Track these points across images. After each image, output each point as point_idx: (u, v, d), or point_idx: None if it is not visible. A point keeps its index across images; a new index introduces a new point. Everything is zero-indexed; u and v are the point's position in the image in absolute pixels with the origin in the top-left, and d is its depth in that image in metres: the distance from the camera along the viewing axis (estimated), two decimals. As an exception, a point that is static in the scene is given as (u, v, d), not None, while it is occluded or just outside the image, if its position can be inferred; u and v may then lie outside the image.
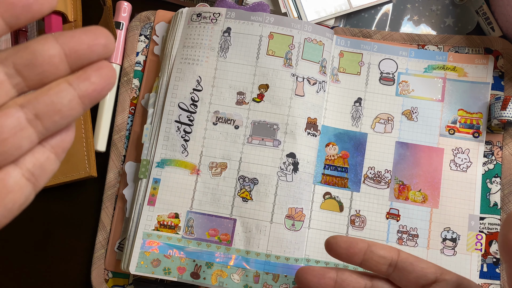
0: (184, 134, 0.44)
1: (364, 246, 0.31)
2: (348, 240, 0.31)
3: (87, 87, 0.21)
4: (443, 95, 0.45)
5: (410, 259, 0.31)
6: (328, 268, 0.32)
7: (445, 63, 0.46)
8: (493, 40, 0.46)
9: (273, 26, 0.46)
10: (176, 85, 0.45)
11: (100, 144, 0.45)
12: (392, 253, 0.31)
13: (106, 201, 0.44)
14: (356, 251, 0.31)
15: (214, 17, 0.46)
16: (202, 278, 0.41)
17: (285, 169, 0.43)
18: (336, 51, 0.47)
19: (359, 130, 0.45)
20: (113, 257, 0.43)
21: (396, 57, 0.46)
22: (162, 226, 0.42)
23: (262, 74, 0.45)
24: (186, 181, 0.43)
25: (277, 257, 0.41)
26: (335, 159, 0.44)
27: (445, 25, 0.48)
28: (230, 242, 0.42)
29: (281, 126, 0.44)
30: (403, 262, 0.31)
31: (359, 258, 0.31)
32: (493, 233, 0.43)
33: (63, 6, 0.47)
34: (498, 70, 0.46)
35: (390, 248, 0.31)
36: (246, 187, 0.43)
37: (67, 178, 0.44)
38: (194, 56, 0.45)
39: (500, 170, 0.44)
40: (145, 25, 0.48)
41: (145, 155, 0.44)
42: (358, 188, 0.44)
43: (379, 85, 0.46)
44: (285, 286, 0.41)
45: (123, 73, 0.47)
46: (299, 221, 0.42)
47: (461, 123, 0.45)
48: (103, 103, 0.46)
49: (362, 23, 0.49)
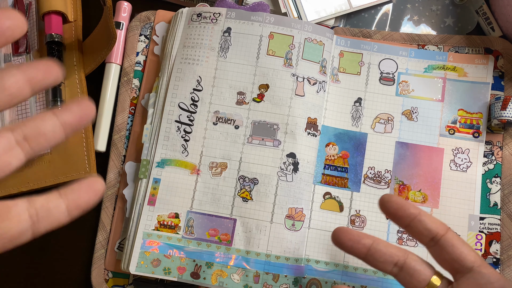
0: (184, 134, 0.44)
1: (415, 212, 0.32)
2: (401, 202, 0.32)
3: (69, 117, 0.24)
4: (443, 95, 0.45)
5: (454, 241, 0.31)
6: (365, 234, 0.33)
7: (445, 63, 0.46)
8: (493, 40, 0.46)
9: (273, 26, 0.46)
10: (176, 85, 0.45)
11: (100, 144, 0.45)
12: (440, 229, 0.31)
13: (106, 201, 0.44)
14: (405, 214, 0.32)
15: (214, 17, 0.46)
16: (202, 278, 0.41)
17: (285, 169, 0.43)
18: (336, 51, 0.47)
19: (359, 130, 0.45)
20: (113, 257, 0.43)
21: (396, 57, 0.46)
22: (162, 226, 0.42)
23: (262, 74, 0.45)
24: (186, 181, 0.43)
25: (277, 257, 0.41)
26: (335, 159, 0.44)
27: (445, 25, 0.48)
28: (230, 242, 0.42)
29: (281, 126, 0.44)
30: (446, 241, 0.31)
31: (406, 222, 0.32)
32: (493, 233, 0.43)
33: (63, 6, 0.47)
34: (498, 70, 0.46)
35: (439, 224, 0.32)
36: (246, 187, 0.43)
37: (67, 178, 0.44)
38: (194, 56, 0.45)
39: (500, 170, 0.44)
40: (145, 25, 0.48)
41: (145, 155, 0.44)
42: (358, 188, 0.44)
43: (379, 85, 0.46)
44: (285, 286, 0.41)
45: (123, 73, 0.47)
46: (299, 221, 0.42)
47: (461, 123, 0.45)
48: (103, 103, 0.46)
49: (362, 23, 0.49)
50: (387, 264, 0.32)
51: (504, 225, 0.43)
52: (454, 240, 0.31)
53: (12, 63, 0.46)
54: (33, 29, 0.47)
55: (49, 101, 0.45)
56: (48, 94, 0.45)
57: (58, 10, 0.46)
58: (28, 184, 0.44)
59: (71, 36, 0.48)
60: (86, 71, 0.47)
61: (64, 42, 0.47)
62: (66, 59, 0.47)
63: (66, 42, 0.47)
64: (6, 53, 0.46)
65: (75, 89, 0.46)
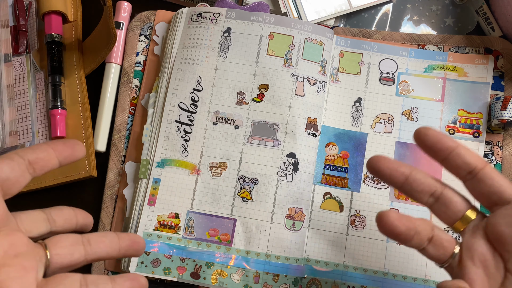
0: (184, 134, 0.44)
1: (453, 145, 0.31)
2: (438, 135, 0.31)
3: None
4: (443, 95, 0.45)
5: (493, 174, 0.30)
6: (403, 163, 0.32)
7: (445, 63, 0.46)
8: (493, 40, 0.46)
9: (273, 26, 0.46)
10: (176, 85, 0.45)
11: (100, 144, 0.45)
12: (478, 163, 0.31)
13: (106, 201, 0.44)
14: (443, 147, 0.31)
15: (214, 17, 0.46)
16: (202, 278, 0.41)
17: (285, 169, 0.43)
18: (336, 51, 0.47)
19: (359, 130, 0.45)
20: (113, 257, 0.43)
21: (396, 57, 0.46)
22: (162, 226, 0.42)
23: (262, 74, 0.45)
24: (186, 181, 0.43)
25: (277, 257, 0.41)
26: (335, 159, 0.44)
27: (445, 25, 0.48)
28: (230, 242, 0.42)
29: (281, 126, 0.44)
30: (485, 175, 0.30)
31: (443, 155, 0.31)
32: (493, 233, 0.43)
33: (63, 6, 0.47)
34: (498, 70, 0.46)
35: (478, 157, 0.31)
36: (246, 187, 0.43)
37: (67, 178, 0.44)
38: (194, 56, 0.45)
39: (500, 170, 0.44)
40: (145, 25, 0.48)
41: (145, 155, 0.44)
42: (358, 188, 0.44)
43: (379, 85, 0.46)
44: (285, 286, 0.41)
45: (123, 73, 0.47)
46: (299, 221, 0.42)
47: (461, 123, 0.45)
48: (103, 103, 0.46)
49: (362, 23, 0.49)
50: (424, 194, 0.32)
51: (504, 225, 0.43)
52: (494, 174, 0.30)
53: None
54: (33, 29, 0.47)
55: (49, 101, 0.45)
56: (48, 94, 0.45)
57: (58, 10, 0.46)
58: (28, 184, 0.43)
59: (71, 36, 0.48)
60: (86, 71, 0.47)
61: (64, 42, 0.47)
62: (66, 59, 0.47)
63: (66, 42, 0.47)
64: (6, 53, 0.46)
65: (75, 89, 0.46)
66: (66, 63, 0.47)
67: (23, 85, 0.46)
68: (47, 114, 0.45)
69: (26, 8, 0.48)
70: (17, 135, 0.44)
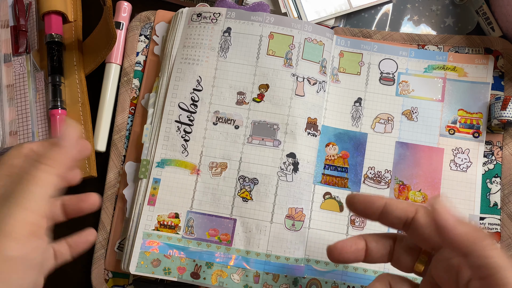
0: (184, 134, 0.44)
1: (381, 204, 0.32)
2: (364, 199, 0.32)
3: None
4: (443, 95, 0.45)
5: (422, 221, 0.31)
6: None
7: (445, 63, 0.46)
8: (493, 40, 0.46)
9: (273, 26, 0.46)
10: (176, 85, 0.45)
11: (100, 144, 0.45)
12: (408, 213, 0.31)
13: (106, 201, 0.44)
14: (372, 211, 0.32)
15: (214, 17, 0.46)
16: (202, 278, 0.41)
17: (285, 169, 0.43)
18: (336, 51, 0.47)
19: (359, 130, 0.45)
20: (113, 257, 0.43)
21: (396, 57, 0.46)
22: (162, 226, 0.42)
23: (262, 74, 0.45)
24: (186, 181, 0.43)
25: (277, 257, 0.41)
26: (335, 159, 0.44)
27: (445, 25, 0.48)
28: (230, 242, 0.42)
29: (281, 126, 0.44)
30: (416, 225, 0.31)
31: (375, 217, 0.32)
32: (493, 233, 0.43)
33: (63, 6, 0.47)
34: (498, 70, 0.46)
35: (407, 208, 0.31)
36: (246, 187, 0.43)
37: (67, 178, 0.44)
38: (194, 56, 0.45)
39: (500, 170, 0.44)
40: (145, 25, 0.48)
41: (145, 155, 0.44)
42: (358, 188, 0.44)
43: (379, 85, 0.46)
44: (285, 286, 0.41)
45: (123, 73, 0.47)
46: (299, 221, 0.42)
47: (461, 123, 0.45)
48: (103, 103, 0.46)
49: (362, 23, 0.49)
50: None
51: (504, 225, 0.43)
52: (422, 220, 0.31)
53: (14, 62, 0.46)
54: (33, 29, 0.47)
55: (49, 101, 0.45)
56: (48, 94, 0.45)
57: (58, 10, 0.46)
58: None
59: (71, 36, 0.48)
60: (86, 71, 0.47)
61: (64, 42, 0.47)
62: (66, 59, 0.47)
63: (66, 42, 0.47)
64: (6, 53, 0.46)
65: (75, 89, 0.46)
66: (66, 63, 0.47)
67: (23, 85, 0.46)
68: (47, 114, 0.45)
69: (26, 8, 0.48)
70: (17, 135, 0.44)
